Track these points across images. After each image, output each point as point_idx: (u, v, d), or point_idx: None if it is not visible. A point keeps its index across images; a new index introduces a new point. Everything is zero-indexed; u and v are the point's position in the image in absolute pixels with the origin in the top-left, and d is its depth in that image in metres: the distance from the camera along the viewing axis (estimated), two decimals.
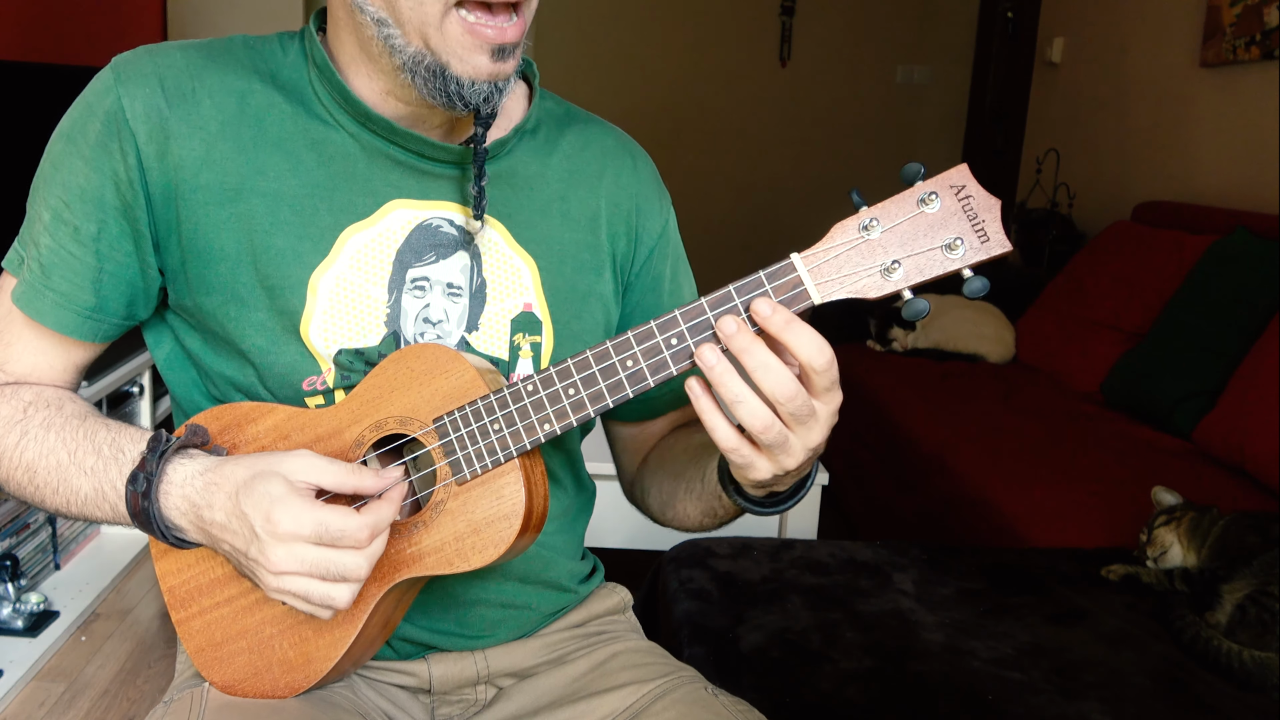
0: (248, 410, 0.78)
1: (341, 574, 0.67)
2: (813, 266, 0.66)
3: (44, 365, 0.81)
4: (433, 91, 0.73)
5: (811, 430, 0.67)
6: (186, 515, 0.72)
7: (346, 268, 0.79)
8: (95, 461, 0.76)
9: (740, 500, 0.79)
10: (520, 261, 0.84)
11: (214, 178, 0.77)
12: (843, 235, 0.66)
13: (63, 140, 0.78)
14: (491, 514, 0.72)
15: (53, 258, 0.77)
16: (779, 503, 0.78)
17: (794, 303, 0.66)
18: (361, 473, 0.70)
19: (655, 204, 0.94)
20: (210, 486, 0.71)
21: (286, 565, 0.67)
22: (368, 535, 0.68)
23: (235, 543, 0.69)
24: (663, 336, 0.68)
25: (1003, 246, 0.64)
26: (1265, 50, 2.57)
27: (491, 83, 0.73)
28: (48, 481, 0.77)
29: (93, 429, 0.78)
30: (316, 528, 0.66)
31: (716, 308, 0.67)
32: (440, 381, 0.73)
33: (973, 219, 0.65)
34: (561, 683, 0.89)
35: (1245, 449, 1.97)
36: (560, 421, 0.71)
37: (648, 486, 0.95)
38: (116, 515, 0.75)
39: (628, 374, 0.69)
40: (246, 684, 0.79)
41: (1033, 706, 1.16)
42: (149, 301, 0.82)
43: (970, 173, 0.66)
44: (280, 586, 0.68)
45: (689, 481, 0.87)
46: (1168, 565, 1.47)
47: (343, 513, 0.67)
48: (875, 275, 0.66)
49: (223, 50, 0.80)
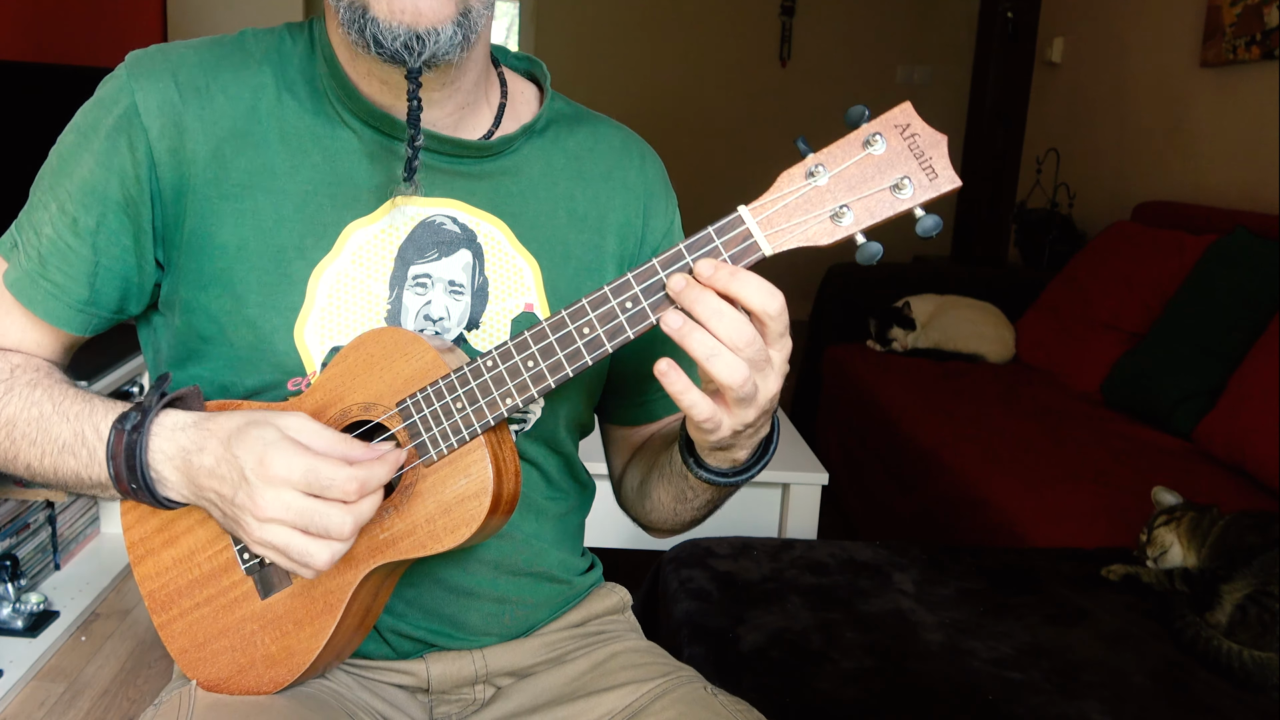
0: (213, 409, 0.77)
1: (325, 528, 0.67)
2: (761, 218, 0.65)
3: (31, 343, 0.82)
4: (358, 39, 0.72)
5: (768, 378, 0.67)
6: (173, 460, 0.71)
7: (348, 263, 0.79)
8: (82, 408, 0.76)
9: (702, 473, 0.79)
10: (523, 261, 0.84)
11: (223, 173, 0.77)
12: (789, 184, 0.65)
13: (74, 133, 0.78)
14: (461, 492, 0.72)
15: (51, 248, 0.78)
16: (741, 470, 0.78)
17: (744, 255, 0.66)
18: (352, 443, 0.70)
19: (662, 203, 0.94)
20: (203, 433, 0.71)
21: (272, 511, 0.66)
22: (356, 488, 0.67)
23: (221, 489, 0.69)
24: (617, 300, 0.67)
25: (952, 182, 0.64)
26: (1265, 50, 2.57)
27: (411, 29, 0.70)
28: (25, 434, 0.76)
29: (81, 391, 0.79)
30: (307, 474, 0.66)
31: (668, 267, 0.66)
32: (401, 365, 0.73)
33: (919, 157, 0.64)
34: (560, 682, 0.89)
35: (1245, 449, 1.97)
36: (521, 394, 0.70)
37: (629, 480, 0.96)
38: (91, 463, 0.74)
39: (585, 341, 0.68)
40: (232, 682, 0.79)
41: (1033, 706, 1.16)
42: (142, 298, 0.82)
43: (914, 110, 0.65)
44: (263, 536, 0.67)
45: (660, 467, 0.87)
46: (1168, 565, 1.47)
47: (335, 463, 0.67)
48: (825, 222, 0.65)
49: (234, 46, 0.81)
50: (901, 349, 3.04)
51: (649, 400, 0.95)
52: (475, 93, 0.83)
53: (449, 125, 0.82)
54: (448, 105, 0.81)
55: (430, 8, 0.70)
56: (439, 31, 0.71)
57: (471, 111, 0.84)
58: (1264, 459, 1.92)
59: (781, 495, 1.89)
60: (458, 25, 0.72)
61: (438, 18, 0.71)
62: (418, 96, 0.74)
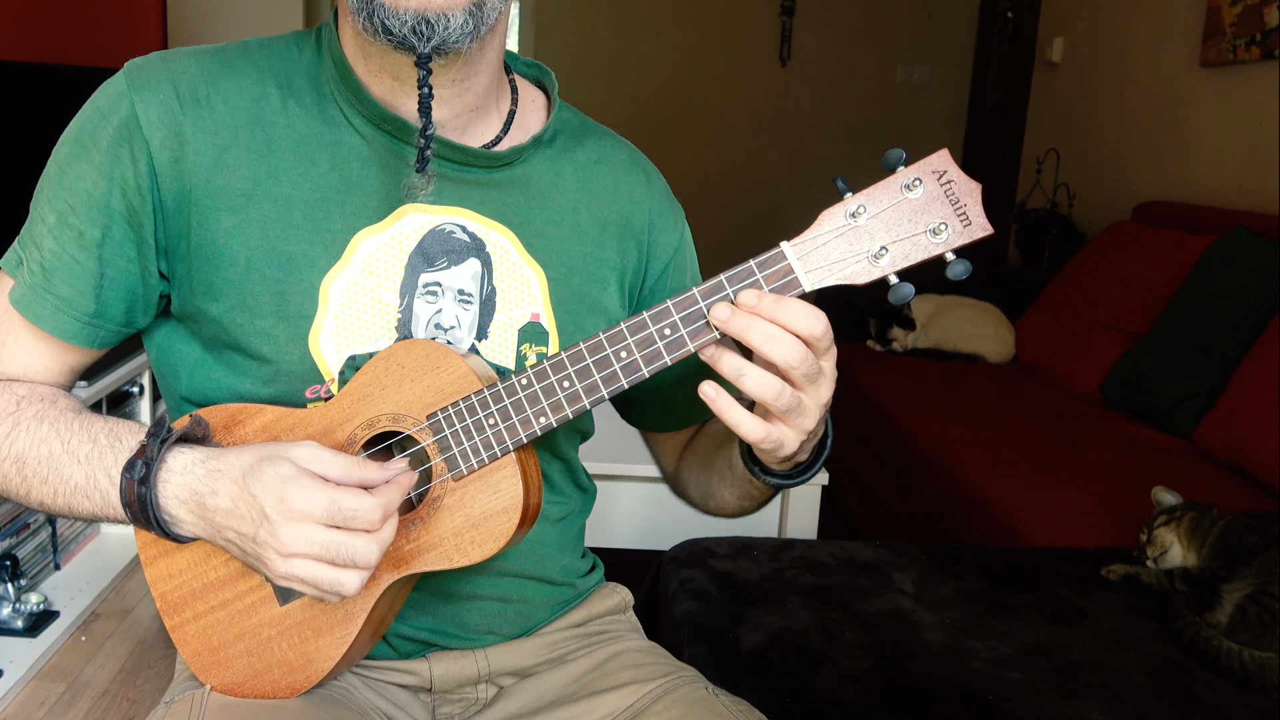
0: (235, 411, 0.77)
1: (352, 558, 0.67)
2: (802, 255, 0.67)
3: (39, 366, 0.81)
4: (366, 25, 0.71)
5: (820, 386, 0.69)
6: (187, 504, 0.71)
7: (358, 272, 0.78)
8: (90, 449, 0.75)
9: (768, 479, 0.81)
10: (530, 271, 0.84)
11: (226, 183, 0.76)
12: (830, 222, 0.67)
13: (71, 144, 0.77)
14: (489, 508, 0.72)
15: (55, 261, 0.77)
16: (805, 471, 0.80)
17: (784, 290, 0.68)
18: (366, 465, 0.70)
19: (670, 219, 0.94)
20: (214, 474, 0.70)
21: (297, 546, 0.66)
22: (380, 516, 0.67)
23: (241, 528, 0.69)
24: (656, 327, 0.69)
25: (984, 229, 0.66)
26: (1265, 50, 2.57)
27: (419, 14, 0.69)
28: (36, 471, 0.76)
29: (89, 421, 0.77)
30: (329, 506, 0.66)
31: (708, 297, 0.68)
32: (432, 377, 0.73)
33: (955, 203, 0.66)
34: (562, 682, 0.89)
35: (1245, 449, 1.97)
36: (556, 414, 0.71)
37: (686, 481, 0.97)
38: (106, 505, 0.74)
39: (622, 365, 0.69)
40: (246, 686, 0.79)
41: (1033, 706, 1.16)
42: (148, 310, 0.81)
43: (950, 157, 0.67)
44: (289, 571, 0.67)
45: (719, 470, 0.89)
46: (1168, 565, 1.47)
47: (355, 493, 0.67)
48: (864, 262, 0.67)
49: (237, 54, 0.80)
50: (901, 349, 3.04)
51: (679, 410, 0.97)
52: (486, 97, 0.83)
53: (457, 128, 0.81)
54: (457, 105, 0.80)
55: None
56: (449, 17, 0.70)
57: (481, 116, 0.83)
58: (1264, 459, 1.92)
59: (781, 495, 1.89)
60: (469, 14, 0.71)
61: (448, 3, 0.70)
62: (429, 84, 0.73)
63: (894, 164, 0.67)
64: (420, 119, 0.74)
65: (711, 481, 0.91)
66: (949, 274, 0.66)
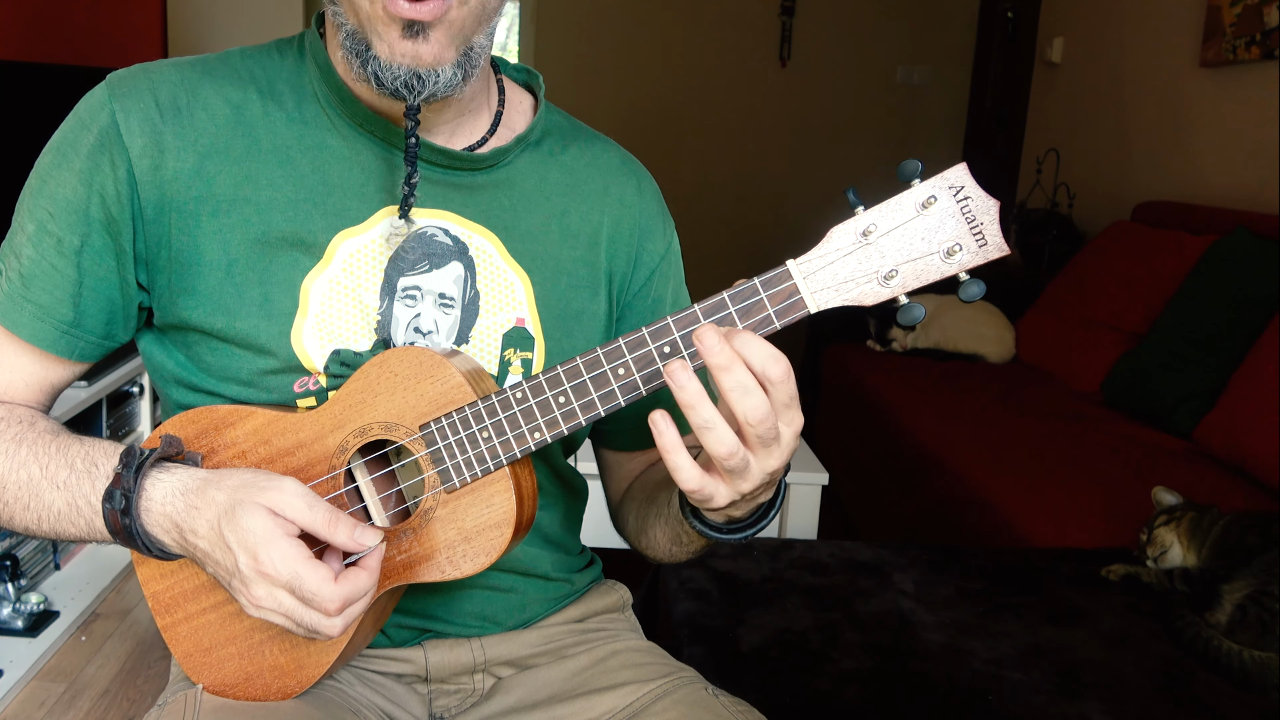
0: (225, 414, 0.76)
1: (314, 629, 0.67)
2: (809, 274, 0.64)
3: (19, 383, 0.80)
4: (359, 70, 0.72)
5: (772, 454, 0.64)
6: (170, 533, 0.71)
7: (339, 272, 0.78)
8: (68, 476, 0.74)
9: (699, 526, 0.77)
10: (514, 275, 0.83)
11: (207, 190, 0.76)
12: (840, 240, 0.64)
13: (53, 153, 0.77)
14: (482, 522, 0.72)
15: (34, 269, 0.77)
16: (739, 530, 0.77)
17: (789, 312, 0.65)
18: (341, 522, 0.68)
19: (659, 226, 0.93)
20: (192, 510, 0.69)
21: (267, 604, 0.67)
22: (337, 608, 0.66)
23: (219, 571, 0.69)
24: (655, 345, 0.66)
25: (1000, 250, 0.63)
26: (1265, 50, 2.57)
27: (412, 69, 0.71)
28: (18, 497, 0.76)
29: (65, 444, 0.76)
30: (292, 580, 0.65)
31: (709, 316, 0.65)
32: (425, 386, 0.72)
33: (971, 222, 0.63)
34: (560, 677, 0.89)
35: (1245, 449, 1.97)
36: (551, 430, 0.70)
37: (627, 513, 0.95)
38: (91, 531, 0.74)
39: (620, 383, 0.68)
40: (238, 688, 0.79)
41: (1033, 706, 1.16)
42: (128, 322, 0.81)
43: (969, 172, 0.64)
44: (262, 617, 0.68)
45: (659, 506, 0.86)
46: (1168, 565, 1.47)
47: (320, 576, 0.66)
48: (873, 282, 0.64)
49: (218, 63, 0.80)
50: (901, 349, 3.04)
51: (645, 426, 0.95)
52: (475, 100, 0.83)
53: (445, 132, 0.82)
54: (446, 113, 0.80)
55: (431, 53, 0.71)
56: (439, 73, 0.72)
57: (471, 117, 0.83)
58: (1264, 459, 1.92)
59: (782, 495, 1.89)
60: (458, 66, 0.73)
61: (438, 61, 0.71)
62: (415, 134, 0.74)
63: (910, 176, 0.63)
64: (406, 166, 0.75)
65: (649, 517, 0.88)
66: (962, 295, 0.63)
